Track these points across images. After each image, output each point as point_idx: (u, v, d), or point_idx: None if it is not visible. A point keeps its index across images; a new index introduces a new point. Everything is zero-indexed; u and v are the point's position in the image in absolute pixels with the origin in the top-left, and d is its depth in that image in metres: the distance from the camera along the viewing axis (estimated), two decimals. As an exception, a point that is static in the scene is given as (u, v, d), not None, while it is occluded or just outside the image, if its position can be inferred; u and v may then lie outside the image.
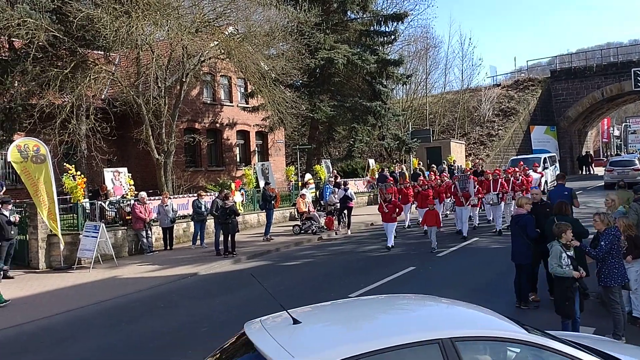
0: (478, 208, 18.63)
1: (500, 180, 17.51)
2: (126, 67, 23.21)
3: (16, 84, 18.81)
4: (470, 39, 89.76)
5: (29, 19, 16.93)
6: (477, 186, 17.31)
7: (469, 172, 20.49)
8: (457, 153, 35.92)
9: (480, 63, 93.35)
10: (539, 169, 25.28)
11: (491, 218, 18.25)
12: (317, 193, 23.45)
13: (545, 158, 29.55)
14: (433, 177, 21.06)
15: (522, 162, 25.05)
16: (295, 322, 4.13)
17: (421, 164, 30.08)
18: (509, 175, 18.47)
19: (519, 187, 18.14)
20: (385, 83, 31.01)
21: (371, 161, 30.56)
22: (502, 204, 17.51)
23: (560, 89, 42.92)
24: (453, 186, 17.59)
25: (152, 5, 18.03)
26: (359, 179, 29.06)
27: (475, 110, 42.74)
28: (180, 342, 8.50)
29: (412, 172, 27.94)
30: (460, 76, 61.07)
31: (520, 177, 18.98)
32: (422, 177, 21.00)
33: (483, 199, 17.90)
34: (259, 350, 3.85)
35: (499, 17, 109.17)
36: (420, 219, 17.23)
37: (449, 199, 19.03)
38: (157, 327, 9.38)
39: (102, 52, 20.54)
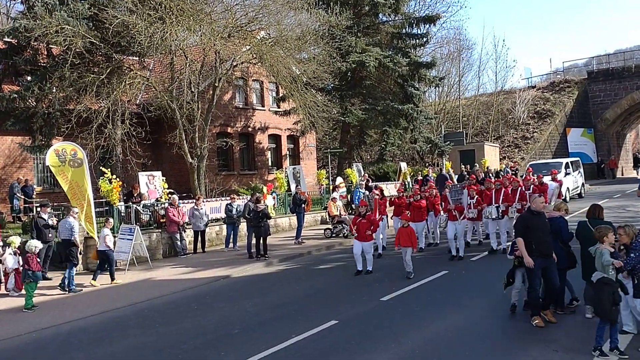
0: (480, 222, 15.86)
1: (504, 190, 14.87)
2: (160, 73, 23.61)
3: (54, 90, 19.32)
4: (504, 40, 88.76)
5: (67, 26, 17.39)
6: (477, 197, 14.88)
7: (473, 180, 17.47)
8: (491, 156, 35.41)
9: (514, 65, 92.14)
10: (560, 176, 22.52)
11: (489, 232, 15.37)
12: (348, 197, 23.41)
13: (567, 163, 27.02)
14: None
15: (530, 169, 23.14)
16: None
17: (482, 167, 28.19)
18: (517, 185, 15.51)
19: (528, 199, 15.43)
20: (417, 86, 30.84)
21: (403, 165, 30.36)
22: (505, 218, 14.68)
23: (598, 91, 41.97)
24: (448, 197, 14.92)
25: (185, 11, 18.32)
26: (390, 182, 28.89)
27: (510, 113, 42.10)
28: (213, 344, 8.56)
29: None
30: (494, 78, 60.41)
31: (532, 186, 16.01)
32: (417, 186, 18.37)
33: (483, 212, 15.04)
34: None
35: (534, 18, 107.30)
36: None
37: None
38: (190, 329, 9.46)
39: (137, 58, 20.96)
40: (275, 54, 20.55)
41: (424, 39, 31.35)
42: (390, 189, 27.40)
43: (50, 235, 14.30)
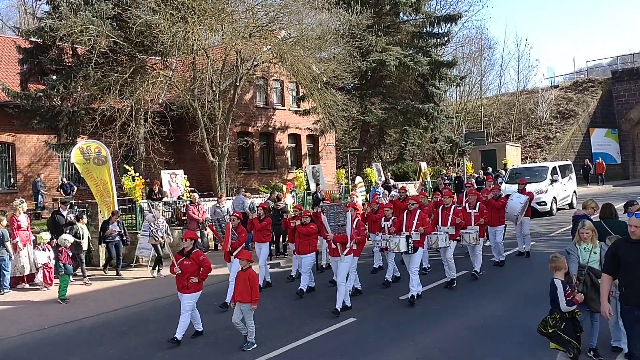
0: (387, 252, 11.67)
1: (418, 211, 10.47)
2: (182, 72, 23.84)
3: (79, 89, 19.64)
4: (527, 39, 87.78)
5: (91, 26, 17.66)
6: (395, 218, 11.14)
7: (404, 191, 13.92)
8: (513, 156, 35.09)
9: (537, 64, 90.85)
10: (544, 184, 20.66)
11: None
12: (367, 196, 23.38)
13: (554, 168, 23.12)
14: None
15: (490, 177, 20.75)
16: None
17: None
18: (450, 201, 11.65)
19: (471, 218, 11.88)
20: (438, 85, 30.67)
21: (423, 164, 30.20)
22: (419, 251, 10.42)
23: (622, 90, 41.36)
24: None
25: (207, 11, 18.47)
26: (410, 182, 28.79)
27: (532, 113, 41.68)
28: (233, 339, 8.63)
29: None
30: (516, 78, 59.63)
31: (478, 204, 12.15)
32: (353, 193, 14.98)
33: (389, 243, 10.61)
34: None
35: (558, 17, 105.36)
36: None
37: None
38: (210, 324, 9.56)
39: (160, 58, 21.17)
40: (295, 54, 20.62)
41: (445, 38, 31.22)
42: (409, 188, 27.35)
43: (67, 232, 14.45)
